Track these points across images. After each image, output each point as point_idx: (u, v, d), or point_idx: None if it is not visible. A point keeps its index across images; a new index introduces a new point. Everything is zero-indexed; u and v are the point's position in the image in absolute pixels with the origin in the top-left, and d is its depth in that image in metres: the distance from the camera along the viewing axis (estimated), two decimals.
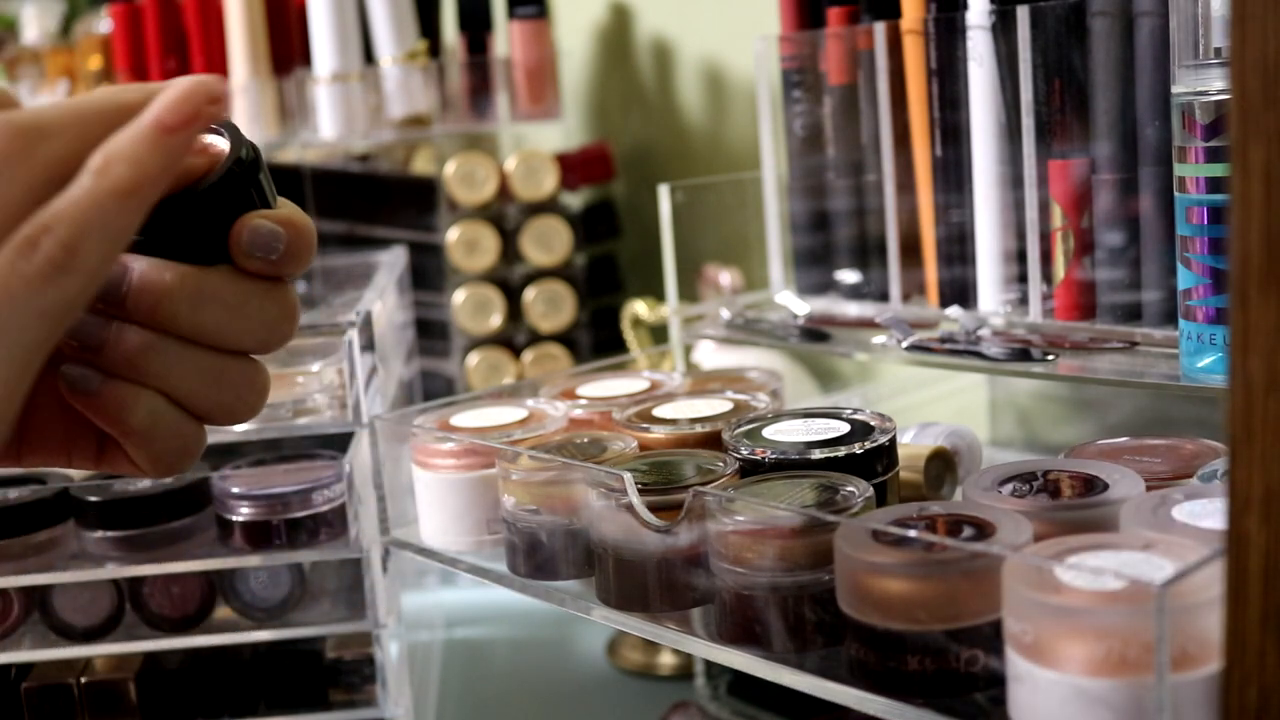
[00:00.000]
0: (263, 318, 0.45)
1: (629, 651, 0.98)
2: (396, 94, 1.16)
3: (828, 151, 0.89)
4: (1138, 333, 0.72)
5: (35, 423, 0.45)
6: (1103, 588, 0.48)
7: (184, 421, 0.44)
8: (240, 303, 0.44)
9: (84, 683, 0.81)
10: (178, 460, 0.45)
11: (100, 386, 0.43)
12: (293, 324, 0.46)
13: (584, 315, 1.20)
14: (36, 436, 0.46)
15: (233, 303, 0.44)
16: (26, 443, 0.46)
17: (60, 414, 0.45)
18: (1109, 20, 0.71)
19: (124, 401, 0.43)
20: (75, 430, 0.46)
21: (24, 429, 0.45)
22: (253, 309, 0.44)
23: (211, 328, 0.44)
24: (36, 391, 0.42)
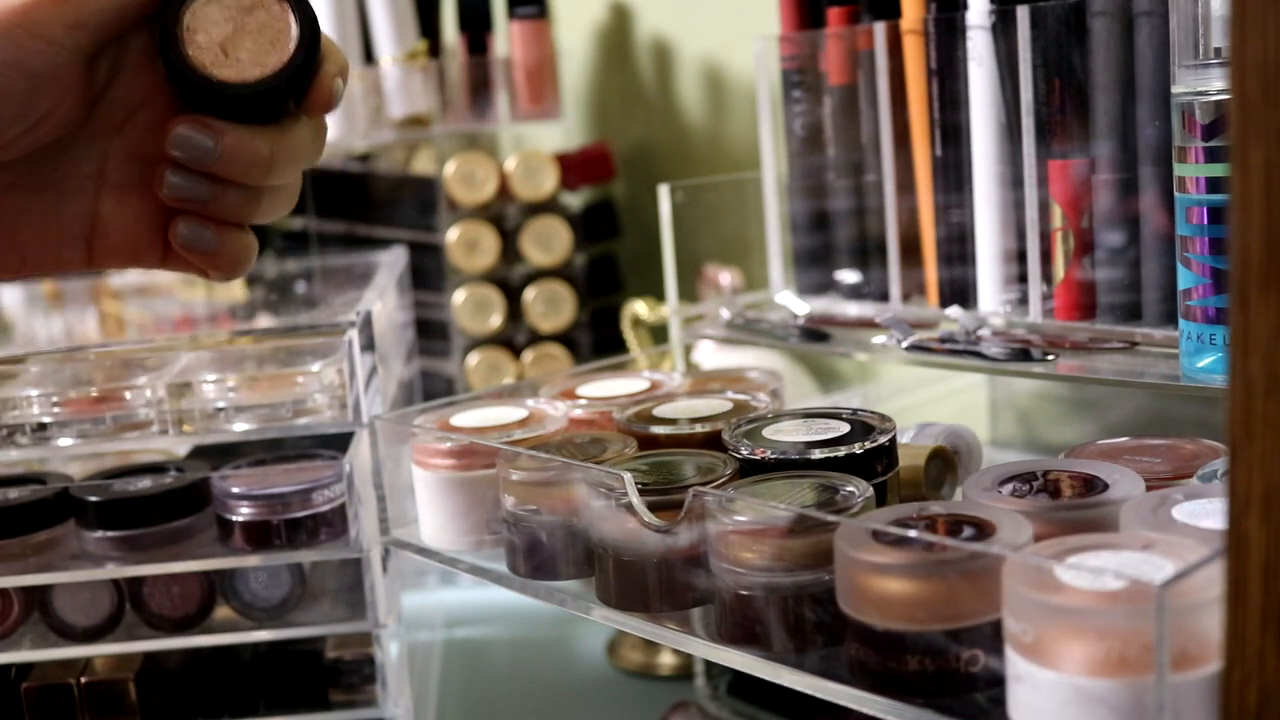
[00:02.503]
0: (315, 149, 0.53)
1: (629, 651, 0.98)
2: (396, 94, 1.17)
3: (828, 151, 0.89)
4: (1138, 333, 0.72)
5: (112, 228, 0.52)
6: (1103, 588, 0.48)
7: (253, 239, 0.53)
8: (307, 148, 0.52)
9: (84, 683, 0.81)
10: (246, 268, 0.53)
11: (215, 245, 0.51)
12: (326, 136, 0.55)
13: (584, 315, 1.20)
14: (112, 243, 0.52)
15: (302, 152, 0.52)
16: (100, 247, 0.52)
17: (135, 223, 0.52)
18: (1109, 20, 0.71)
19: (233, 250, 0.52)
20: (147, 238, 0.52)
21: (100, 233, 0.52)
22: (312, 148, 0.53)
23: (287, 174, 0.52)
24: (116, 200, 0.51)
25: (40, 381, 0.81)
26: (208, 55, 0.50)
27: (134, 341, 0.83)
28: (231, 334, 0.83)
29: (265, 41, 0.51)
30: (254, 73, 0.50)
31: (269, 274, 1.20)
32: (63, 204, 0.51)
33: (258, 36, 0.51)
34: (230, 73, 0.50)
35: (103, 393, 0.80)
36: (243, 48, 0.50)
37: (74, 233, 0.52)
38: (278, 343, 0.82)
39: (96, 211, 0.52)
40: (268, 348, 0.82)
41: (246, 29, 0.51)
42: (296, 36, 0.51)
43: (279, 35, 0.51)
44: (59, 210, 0.51)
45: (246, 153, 0.50)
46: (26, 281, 0.53)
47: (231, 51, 0.50)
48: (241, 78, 0.50)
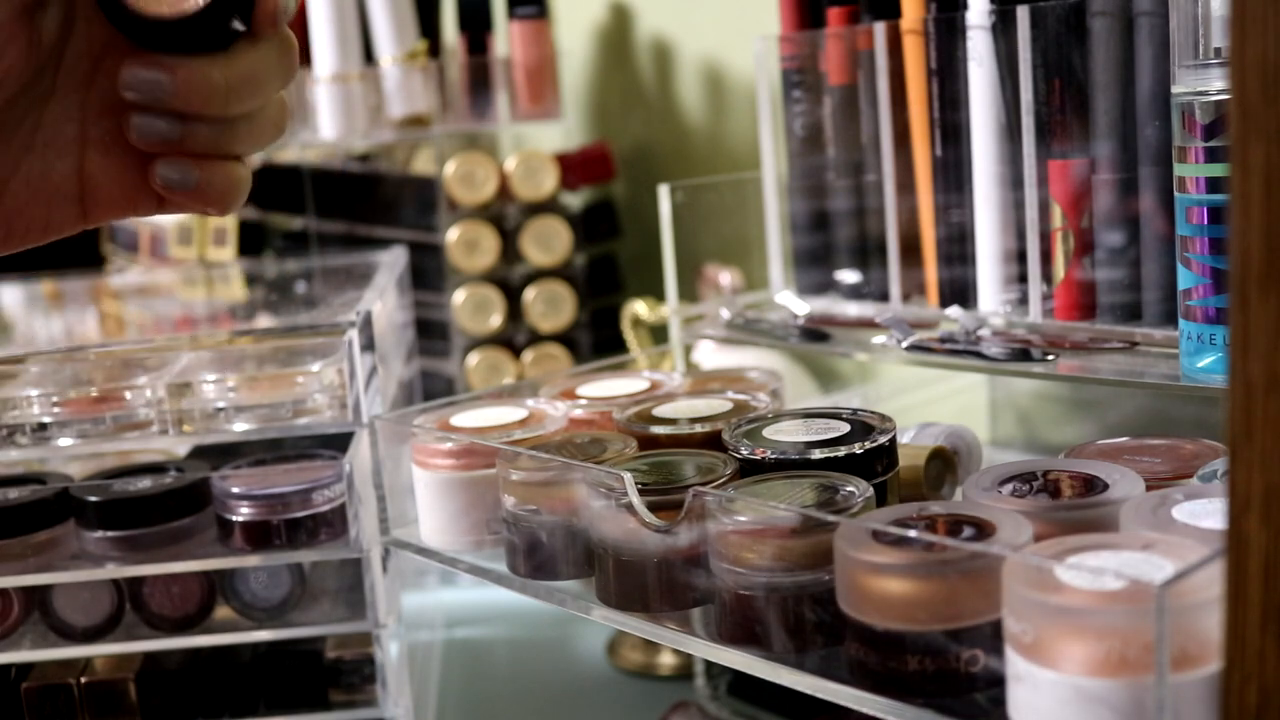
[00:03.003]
0: (283, 70, 0.52)
1: (629, 651, 0.98)
2: (396, 94, 1.17)
3: (828, 151, 0.89)
4: (1138, 333, 0.72)
5: (101, 184, 0.51)
6: (1103, 588, 0.48)
7: (244, 169, 0.52)
8: (271, 70, 0.51)
9: (84, 683, 0.81)
10: (240, 198, 0.52)
11: (198, 180, 0.50)
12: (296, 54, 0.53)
13: (584, 315, 1.20)
14: (104, 197, 0.52)
15: (265, 74, 0.51)
16: (93, 204, 0.52)
17: (124, 175, 0.51)
18: (1109, 20, 0.71)
19: (219, 183, 0.51)
20: (138, 188, 0.52)
21: (90, 190, 0.51)
22: (278, 68, 0.52)
23: (252, 99, 0.51)
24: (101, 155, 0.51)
25: (40, 381, 0.81)
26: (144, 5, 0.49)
27: (134, 341, 0.83)
28: (231, 334, 0.83)
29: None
30: (190, 4, 0.49)
31: (269, 274, 1.20)
32: (48, 167, 0.51)
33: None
34: (166, 8, 0.49)
35: (103, 393, 0.80)
36: None
37: (65, 193, 0.51)
38: (278, 343, 0.82)
39: (83, 169, 0.51)
40: (268, 348, 0.82)
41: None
42: None
43: None
44: (45, 174, 0.51)
45: (201, 83, 0.49)
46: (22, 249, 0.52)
47: None
48: (179, 10, 0.49)
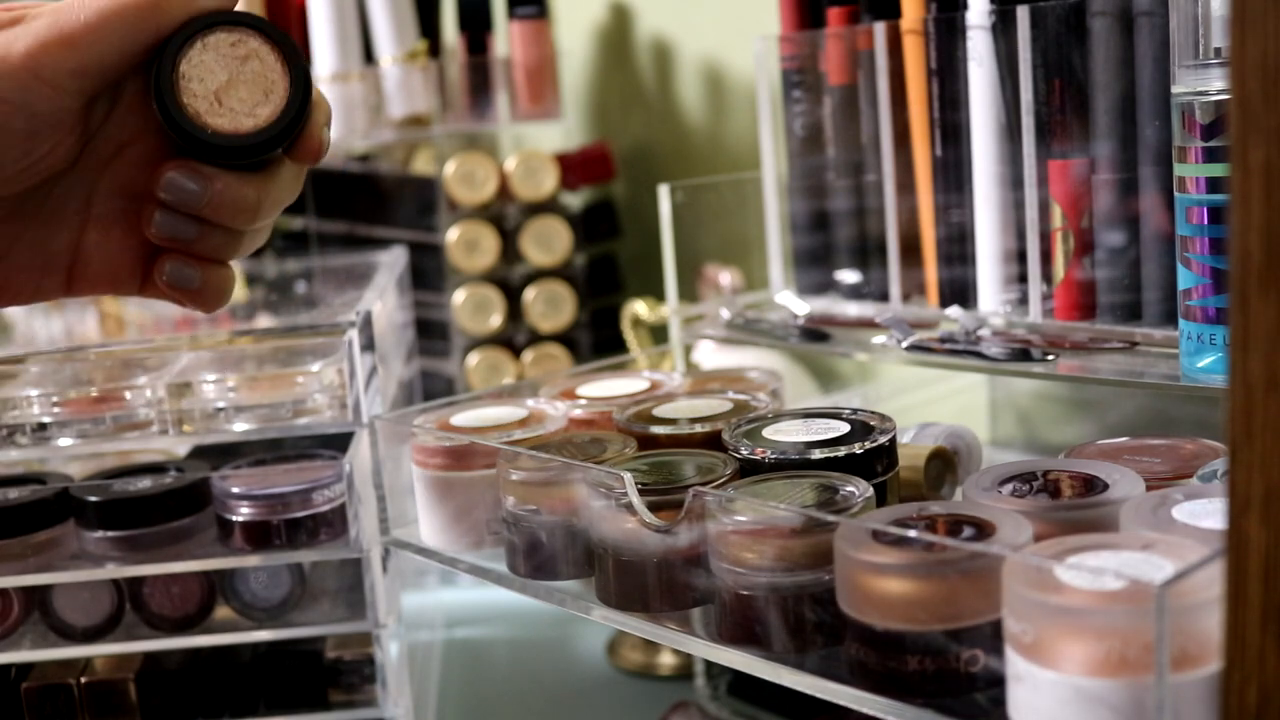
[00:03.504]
0: (295, 191, 0.55)
1: (629, 651, 0.98)
2: (396, 94, 1.17)
3: (828, 151, 0.89)
4: (1138, 333, 0.72)
5: (93, 259, 0.53)
6: (1103, 588, 0.48)
7: (234, 273, 0.54)
8: (289, 191, 0.54)
9: (84, 683, 0.81)
10: (225, 303, 0.54)
11: (198, 282, 0.53)
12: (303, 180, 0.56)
13: (584, 315, 1.20)
14: (92, 272, 0.53)
15: (285, 195, 0.54)
16: (80, 277, 0.53)
17: (117, 255, 0.53)
18: (1109, 20, 0.71)
19: (215, 286, 0.53)
20: (127, 269, 0.54)
21: (81, 264, 0.53)
22: (292, 189, 0.55)
23: (270, 217, 0.54)
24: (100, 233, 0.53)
25: (40, 381, 0.81)
26: (202, 103, 0.51)
27: (134, 341, 0.83)
28: (231, 334, 0.83)
29: (258, 91, 0.52)
30: (247, 123, 0.51)
31: (269, 274, 1.20)
32: (49, 236, 0.52)
33: (251, 86, 0.52)
34: (223, 122, 0.51)
35: (103, 393, 0.80)
36: (236, 97, 0.51)
37: (57, 263, 0.53)
38: (278, 343, 0.82)
39: (80, 243, 0.53)
40: (268, 348, 0.82)
41: (241, 78, 0.52)
42: (289, 88, 0.52)
43: (272, 86, 0.52)
44: (45, 242, 0.52)
45: (235, 199, 0.51)
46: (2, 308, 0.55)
47: (225, 100, 0.51)
48: (234, 128, 0.51)
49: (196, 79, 0.51)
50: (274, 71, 0.52)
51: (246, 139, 0.51)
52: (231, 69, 0.52)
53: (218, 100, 0.51)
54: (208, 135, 0.51)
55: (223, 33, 0.52)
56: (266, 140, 0.51)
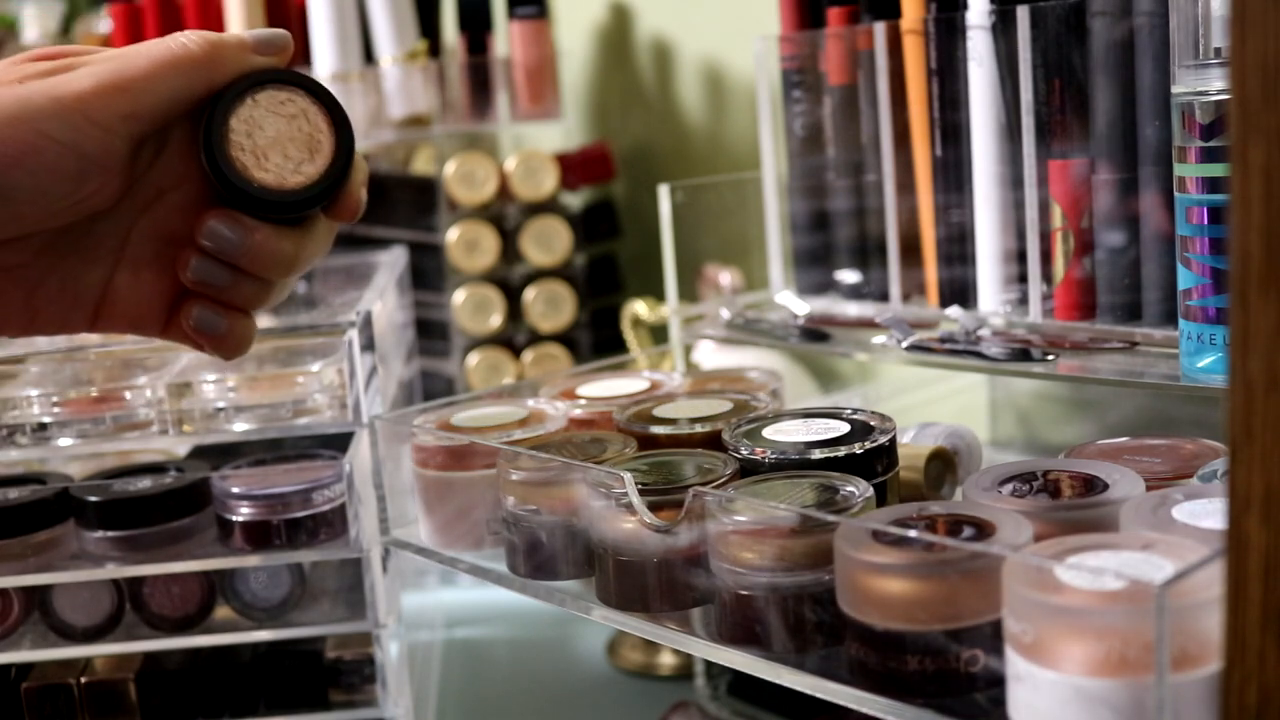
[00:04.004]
0: (327, 246, 0.57)
1: (629, 651, 0.98)
2: (396, 94, 1.17)
3: (828, 151, 0.89)
4: (1138, 333, 0.72)
5: (121, 299, 0.54)
6: (1103, 588, 0.48)
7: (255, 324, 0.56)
8: (322, 246, 0.56)
9: (84, 683, 0.81)
10: (245, 352, 0.55)
11: (224, 329, 0.54)
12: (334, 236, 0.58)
13: (584, 315, 1.20)
14: (118, 311, 0.54)
15: (318, 250, 0.55)
16: (105, 315, 0.54)
17: (144, 296, 0.54)
18: (1109, 20, 0.71)
19: (238, 334, 0.54)
20: (152, 311, 0.55)
21: (109, 302, 0.54)
22: (325, 245, 0.56)
23: (302, 270, 0.55)
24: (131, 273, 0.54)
25: (40, 381, 0.81)
26: (249, 157, 0.52)
27: (134, 341, 0.83)
28: None
29: (304, 149, 0.53)
30: (291, 180, 0.53)
31: None
32: (82, 272, 0.53)
33: (298, 144, 0.53)
34: (268, 177, 0.53)
35: (103, 393, 0.80)
36: (282, 153, 0.53)
37: (86, 299, 0.54)
38: (278, 343, 0.82)
39: (111, 282, 0.54)
40: (268, 348, 0.82)
41: (288, 136, 0.53)
42: (333, 149, 0.54)
43: (317, 145, 0.53)
44: (77, 277, 0.53)
45: (273, 251, 0.53)
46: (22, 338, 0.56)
47: (271, 156, 0.53)
48: (279, 184, 0.53)
49: (245, 133, 0.53)
50: (320, 131, 0.54)
51: (290, 195, 0.53)
52: (280, 126, 0.53)
53: (264, 155, 0.53)
54: (253, 189, 0.52)
55: (274, 90, 0.53)
56: (309, 198, 0.53)
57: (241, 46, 0.53)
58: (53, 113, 0.48)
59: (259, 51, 0.54)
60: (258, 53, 0.53)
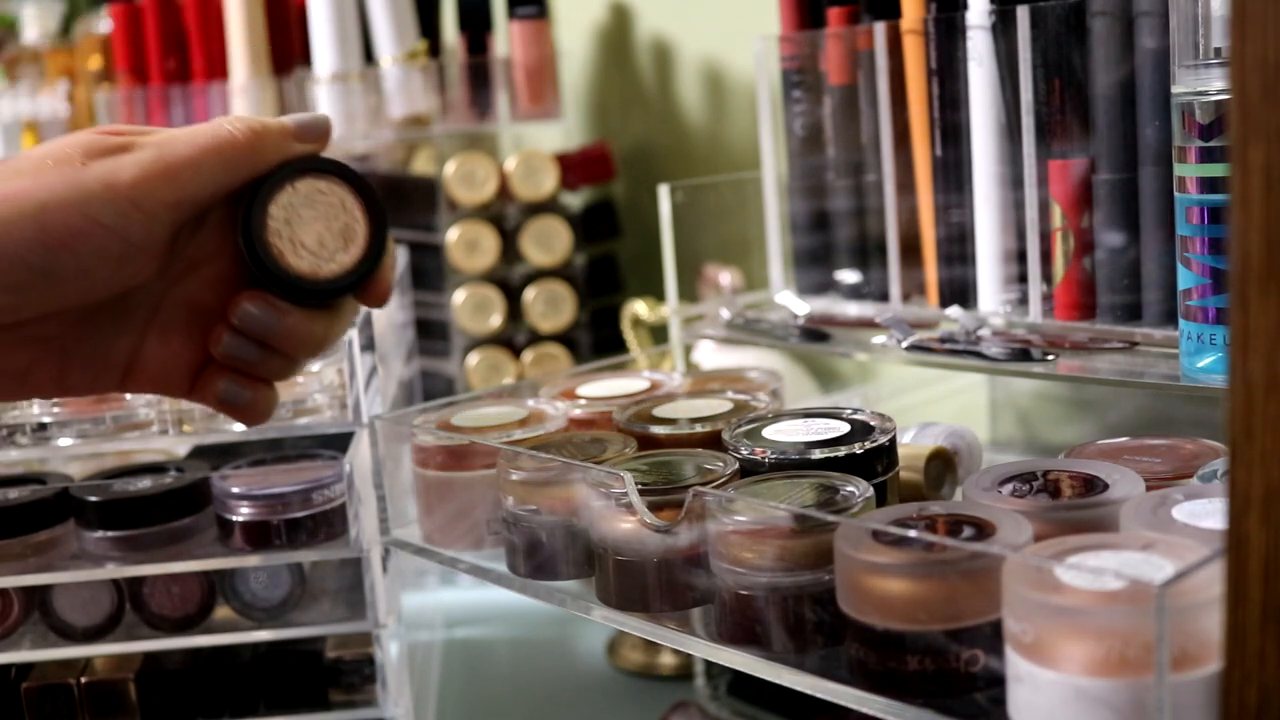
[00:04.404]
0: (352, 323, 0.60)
1: (629, 651, 0.98)
2: (396, 94, 1.17)
3: (828, 151, 0.89)
4: (1138, 333, 0.72)
5: (149, 363, 0.55)
6: (1103, 588, 0.48)
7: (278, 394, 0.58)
8: (349, 325, 0.58)
9: (84, 683, 0.81)
10: (266, 420, 0.57)
11: (248, 401, 0.56)
12: None
13: (584, 315, 1.20)
14: (147, 375, 0.55)
15: (346, 328, 0.58)
16: (134, 378, 0.55)
17: (173, 361, 0.56)
18: (1109, 20, 0.71)
19: (262, 405, 0.56)
20: (179, 375, 0.56)
21: (138, 366, 0.55)
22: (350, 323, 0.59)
23: (330, 347, 0.58)
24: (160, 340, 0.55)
25: None
26: (286, 245, 0.54)
27: None
28: None
29: (340, 239, 0.55)
30: (326, 269, 0.54)
31: None
32: (114, 340, 0.55)
33: (334, 233, 0.55)
34: (304, 265, 0.54)
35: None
36: (319, 242, 0.54)
37: (115, 364, 0.55)
38: None
39: (141, 348, 0.55)
40: None
41: (325, 225, 0.54)
42: (368, 239, 0.55)
43: (353, 234, 0.55)
44: (108, 345, 0.55)
45: (304, 333, 0.55)
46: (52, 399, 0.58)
47: (308, 244, 0.54)
48: (314, 272, 0.54)
49: (284, 221, 0.54)
50: (357, 222, 0.55)
51: (323, 284, 0.54)
52: (318, 215, 0.54)
53: (301, 244, 0.54)
54: (288, 277, 0.54)
55: (313, 179, 0.55)
56: (342, 287, 0.54)
57: (284, 133, 0.54)
58: (104, 199, 0.50)
59: (300, 138, 0.55)
60: (298, 139, 0.55)
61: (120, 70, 1.39)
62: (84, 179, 0.50)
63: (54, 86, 1.62)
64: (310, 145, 0.55)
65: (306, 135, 0.55)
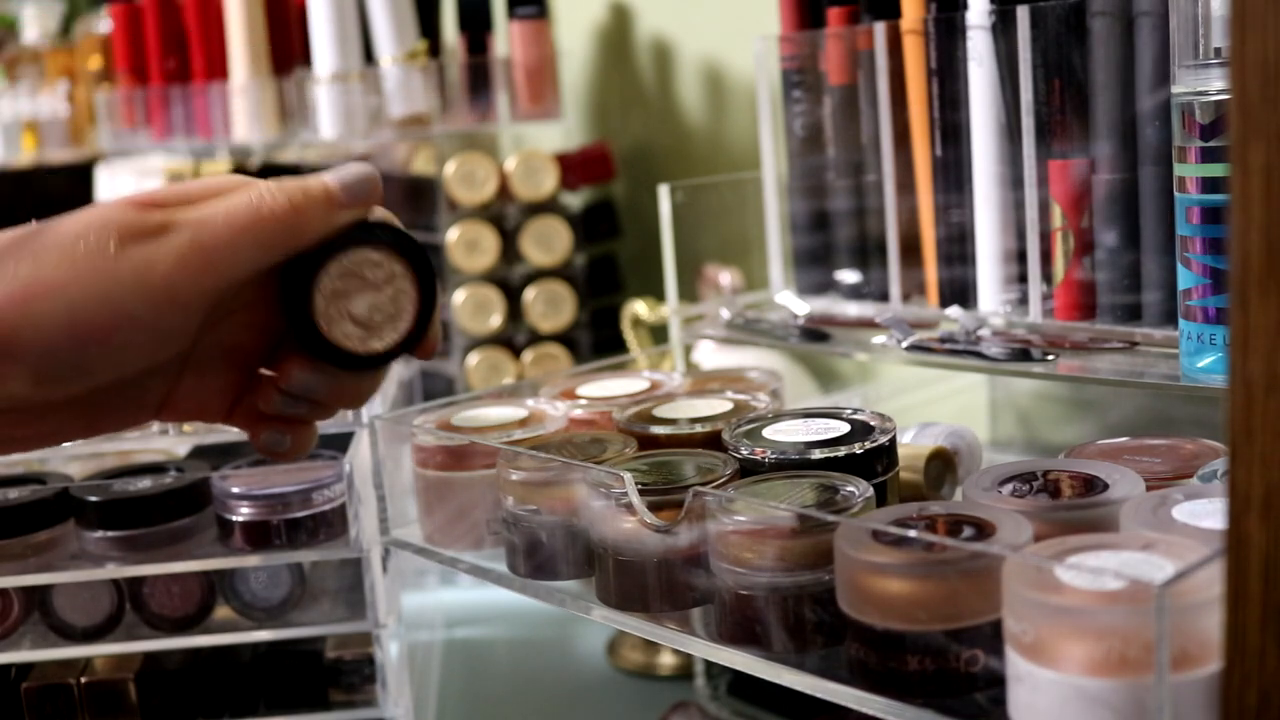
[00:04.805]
0: None
1: (629, 651, 0.98)
2: (396, 94, 1.17)
3: (828, 151, 0.89)
4: (1138, 333, 0.72)
5: (183, 399, 0.55)
6: (1103, 588, 0.48)
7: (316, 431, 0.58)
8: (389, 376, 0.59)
9: (84, 683, 0.81)
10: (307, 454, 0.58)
11: (290, 446, 0.56)
12: None
13: (584, 315, 1.20)
14: (181, 409, 0.55)
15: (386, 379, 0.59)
16: (169, 412, 0.55)
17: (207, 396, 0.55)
18: (1109, 20, 0.71)
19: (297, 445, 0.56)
20: (214, 407, 0.56)
21: (172, 402, 0.54)
22: None
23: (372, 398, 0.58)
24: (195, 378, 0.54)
25: None
26: (334, 319, 0.52)
27: None
28: None
29: (390, 306, 0.53)
30: (375, 344, 0.53)
31: None
32: (146, 387, 0.53)
33: (383, 309, 0.53)
34: (353, 340, 0.53)
35: None
36: (368, 313, 0.53)
37: (148, 404, 0.54)
38: None
39: (175, 388, 0.54)
40: None
41: (373, 301, 0.53)
42: (417, 308, 0.54)
43: (402, 309, 0.53)
44: (141, 392, 0.53)
45: (351, 393, 0.55)
46: None
47: (357, 315, 0.53)
48: (364, 349, 0.53)
49: (331, 296, 0.52)
50: (405, 294, 0.53)
51: (372, 358, 0.53)
52: (366, 285, 0.53)
53: (350, 316, 0.53)
54: (338, 352, 0.53)
55: (361, 251, 0.52)
56: (391, 357, 0.54)
57: (328, 202, 0.51)
58: (138, 296, 0.48)
59: (345, 204, 0.52)
60: (343, 206, 0.52)
61: (120, 70, 1.39)
62: (118, 273, 0.48)
63: (54, 86, 1.62)
64: (356, 211, 0.52)
65: (352, 200, 0.52)
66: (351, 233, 0.52)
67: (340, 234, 0.52)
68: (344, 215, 0.52)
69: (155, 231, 0.49)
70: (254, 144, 1.31)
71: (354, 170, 0.53)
